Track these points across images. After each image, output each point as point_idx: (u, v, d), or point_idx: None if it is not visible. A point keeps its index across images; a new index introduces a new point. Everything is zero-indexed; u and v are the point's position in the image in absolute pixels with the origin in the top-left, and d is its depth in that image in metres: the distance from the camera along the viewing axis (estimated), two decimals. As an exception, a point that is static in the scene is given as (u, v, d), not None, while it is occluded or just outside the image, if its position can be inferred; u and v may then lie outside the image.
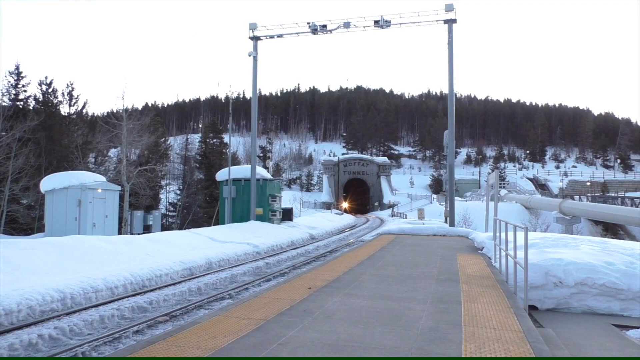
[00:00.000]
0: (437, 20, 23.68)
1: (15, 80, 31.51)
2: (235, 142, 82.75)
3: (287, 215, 29.57)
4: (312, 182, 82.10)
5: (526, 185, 76.94)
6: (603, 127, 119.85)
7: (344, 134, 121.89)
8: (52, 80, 32.55)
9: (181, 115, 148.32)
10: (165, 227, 32.93)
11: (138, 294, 9.72)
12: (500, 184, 61.21)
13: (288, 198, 48.88)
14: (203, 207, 41.38)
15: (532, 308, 7.20)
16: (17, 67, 31.78)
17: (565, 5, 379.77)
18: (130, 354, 4.09)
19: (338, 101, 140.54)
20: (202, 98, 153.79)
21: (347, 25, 24.52)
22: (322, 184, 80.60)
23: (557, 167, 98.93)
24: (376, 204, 77.28)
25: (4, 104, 29.47)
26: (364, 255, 11.22)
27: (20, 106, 30.96)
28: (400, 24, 24.26)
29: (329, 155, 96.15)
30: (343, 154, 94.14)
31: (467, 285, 7.31)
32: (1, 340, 6.51)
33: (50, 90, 32.57)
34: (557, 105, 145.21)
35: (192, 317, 8.14)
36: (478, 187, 79.81)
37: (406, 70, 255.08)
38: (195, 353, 4.06)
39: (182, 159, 54.43)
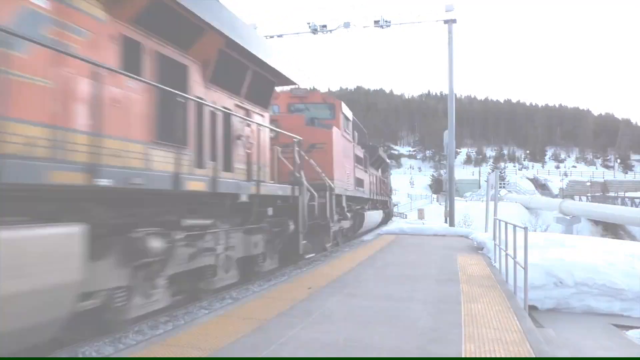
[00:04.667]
0: (437, 20, 23.69)
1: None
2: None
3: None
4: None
5: (526, 186, 76.92)
6: (603, 128, 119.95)
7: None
8: (52, 80, 32.54)
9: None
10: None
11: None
12: (500, 184, 61.16)
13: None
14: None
15: (533, 308, 7.20)
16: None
17: (565, 5, 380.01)
18: (130, 354, 4.09)
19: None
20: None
21: (347, 25, 24.50)
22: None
23: (557, 167, 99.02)
24: (376, 203, 77.12)
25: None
26: (364, 255, 11.22)
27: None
28: (400, 23, 24.28)
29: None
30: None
31: (467, 286, 7.30)
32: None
33: (50, 90, 32.58)
34: (557, 105, 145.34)
35: (192, 317, 8.13)
36: (478, 187, 79.74)
37: (406, 70, 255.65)
38: (195, 353, 4.06)
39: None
